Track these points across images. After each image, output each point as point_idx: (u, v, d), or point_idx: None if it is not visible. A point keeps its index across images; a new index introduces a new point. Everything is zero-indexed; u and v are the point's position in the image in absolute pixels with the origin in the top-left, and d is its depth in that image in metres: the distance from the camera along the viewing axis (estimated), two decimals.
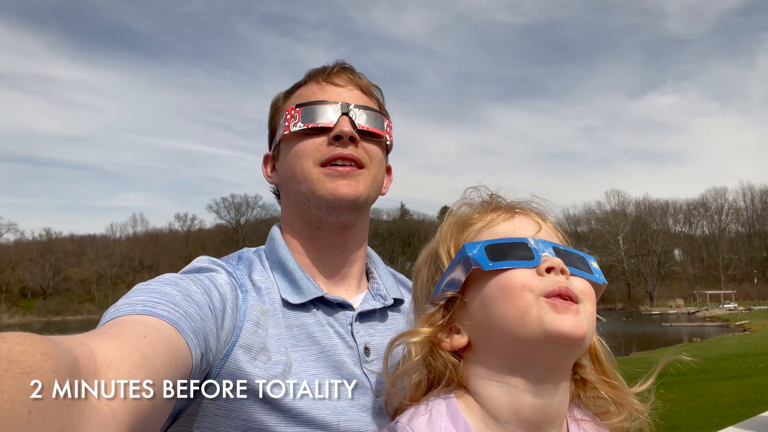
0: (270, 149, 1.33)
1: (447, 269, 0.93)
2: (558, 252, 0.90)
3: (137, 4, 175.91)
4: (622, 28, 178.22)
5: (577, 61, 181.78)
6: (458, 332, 0.92)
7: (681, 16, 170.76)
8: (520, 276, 0.85)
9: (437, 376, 0.93)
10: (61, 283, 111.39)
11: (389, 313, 1.25)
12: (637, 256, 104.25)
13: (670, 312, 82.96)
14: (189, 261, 1.16)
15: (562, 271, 0.86)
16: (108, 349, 0.64)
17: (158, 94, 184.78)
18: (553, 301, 0.82)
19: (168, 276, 0.98)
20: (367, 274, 1.34)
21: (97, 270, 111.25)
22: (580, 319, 0.82)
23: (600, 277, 0.93)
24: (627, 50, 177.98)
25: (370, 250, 1.36)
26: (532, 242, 0.89)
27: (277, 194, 1.35)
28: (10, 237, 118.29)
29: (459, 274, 0.90)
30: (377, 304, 1.23)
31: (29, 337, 0.51)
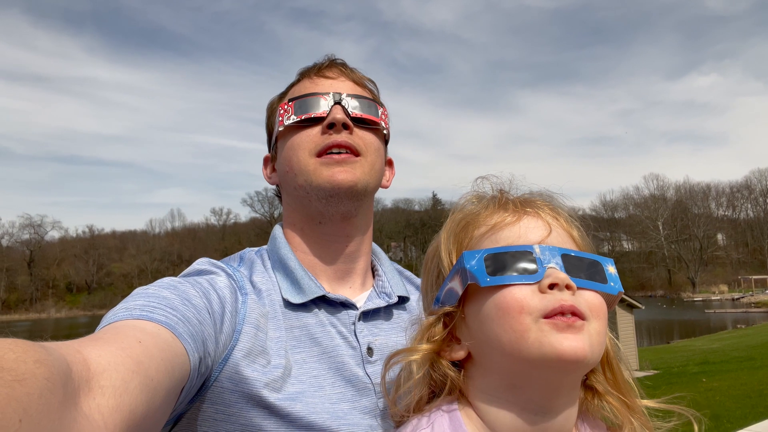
0: (269, 151, 1.33)
1: (447, 277, 0.89)
2: (567, 259, 0.83)
3: (170, 4, 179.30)
4: (658, 8, 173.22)
5: (612, 43, 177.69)
6: (459, 342, 0.88)
7: None
8: (518, 295, 0.79)
9: (438, 386, 0.89)
10: (104, 278, 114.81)
11: (394, 311, 1.22)
12: (677, 241, 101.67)
13: (713, 298, 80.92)
14: (226, 254, 1.14)
15: (568, 287, 0.79)
16: (101, 356, 0.63)
17: (193, 92, 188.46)
18: (554, 321, 0.76)
19: (167, 280, 0.98)
20: (373, 271, 1.32)
21: (138, 265, 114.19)
22: (582, 339, 0.76)
23: (615, 287, 0.85)
24: (664, 30, 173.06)
25: (375, 246, 1.34)
26: (537, 251, 0.82)
27: (279, 195, 1.34)
28: (55, 234, 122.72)
29: (457, 286, 0.86)
30: (381, 303, 1.20)
31: (22, 343, 0.51)
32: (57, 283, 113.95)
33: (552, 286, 0.79)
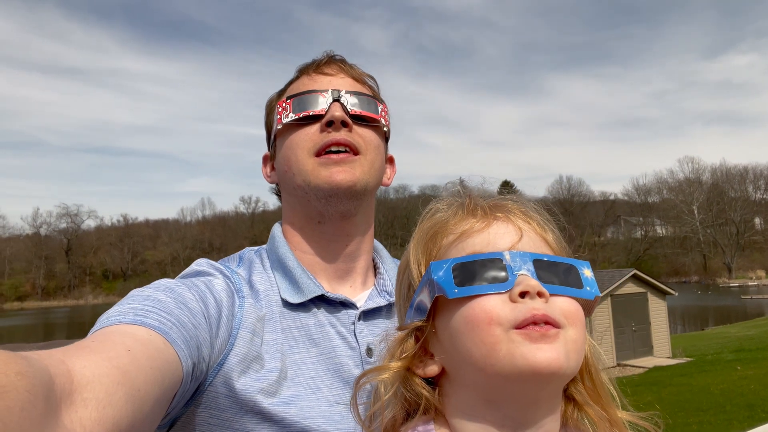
0: (268, 149, 1.31)
1: (416, 290, 0.84)
2: (540, 265, 0.78)
3: None
4: None
5: (646, 22, 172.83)
6: (432, 357, 0.83)
7: None
8: (487, 306, 0.74)
9: (413, 405, 0.83)
10: (139, 266, 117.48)
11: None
12: (713, 225, 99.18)
13: (750, 284, 78.91)
14: (255, 243, 1.08)
15: (540, 294, 0.74)
16: (86, 367, 0.62)
17: (222, 82, 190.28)
18: (527, 331, 0.72)
19: (164, 282, 0.96)
20: (375, 269, 1.30)
21: (171, 252, 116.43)
22: (557, 349, 0.71)
23: (592, 291, 0.80)
24: (699, 8, 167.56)
25: (377, 243, 1.32)
26: (507, 257, 0.78)
27: (278, 194, 1.32)
28: (91, 223, 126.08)
29: (426, 298, 0.81)
30: (382, 301, 1.18)
31: (3, 355, 0.50)
32: (94, 271, 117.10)
33: (523, 295, 0.74)
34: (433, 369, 0.82)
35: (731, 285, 79.84)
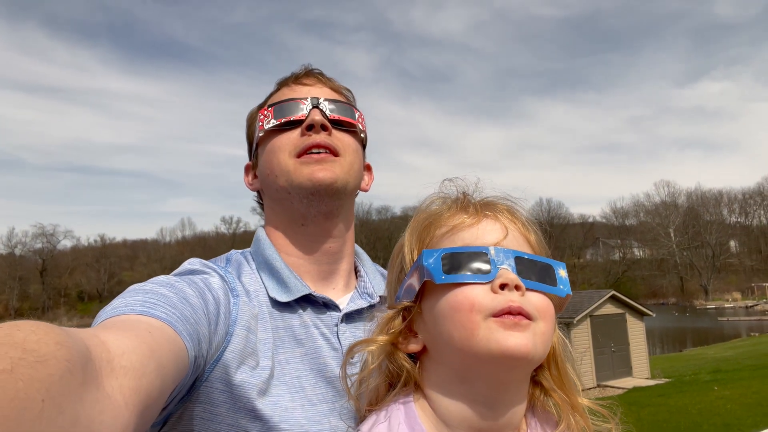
0: (250, 159, 1.36)
1: (407, 273, 0.93)
2: (520, 261, 0.87)
3: (184, 17, 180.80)
4: (667, 15, 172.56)
5: (621, 50, 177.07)
6: (416, 336, 0.92)
7: None
8: (470, 294, 0.83)
9: (395, 378, 0.93)
10: (115, 287, 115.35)
11: (376, 312, 1.25)
12: (689, 248, 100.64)
13: (726, 306, 79.92)
14: None
15: (517, 287, 0.83)
16: (119, 339, 0.65)
17: (205, 102, 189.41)
18: (502, 320, 0.80)
19: (163, 278, 0.99)
20: (356, 273, 1.34)
21: (149, 273, 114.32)
22: (527, 337, 0.80)
23: (564, 289, 0.90)
24: (673, 37, 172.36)
25: (358, 248, 1.37)
26: (492, 252, 0.86)
27: (260, 202, 1.37)
28: (67, 243, 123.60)
29: (415, 282, 0.89)
30: (364, 303, 1.22)
31: (43, 326, 0.52)
32: (69, 292, 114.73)
33: (503, 287, 0.82)
34: (415, 346, 0.91)
35: (708, 307, 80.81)
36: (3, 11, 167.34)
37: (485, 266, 0.85)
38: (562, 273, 0.91)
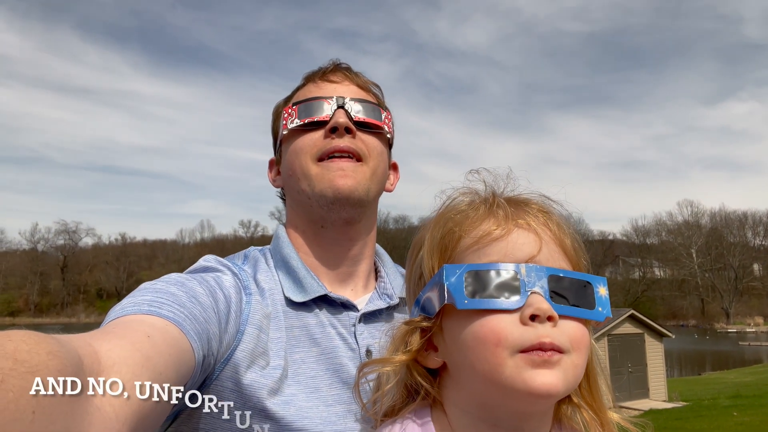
0: (274, 154, 1.34)
1: (428, 283, 0.84)
2: (554, 281, 0.78)
3: (213, 23, 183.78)
4: (695, 34, 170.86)
5: (647, 68, 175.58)
6: (436, 350, 0.85)
7: (759, 20, 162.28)
8: (497, 327, 0.74)
9: (413, 392, 0.88)
10: (134, 285, 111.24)
11: (395, 313, 1.22)
12: (712, 270, 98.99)
13: (748, 330, 78.43)
14: None
15: (550, 318, 0.75)
16: (111, 350, 0.64)
17: (229, 107, 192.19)
18: (530, 356, 0.73)
19: (174, 276, 0.98)
20: (376, 273, 1.31)
21: (166, 273, 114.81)
22: (556, 375, 0.73)
23: (603, 312, 0.81)
24: (701, 56, 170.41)
25: (378, 247, 1.34)
26: (523, 271, 0.77)
27: (283, 198, 1.34)
28: (89, 241, 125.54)
29: (435, 298, 0.81)
30: (382, 304, 1.19)
31: (35, 335, 0.51)
32: (88, 289, 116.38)
33: (533, 317, 0.74)
34: (435, 362, 0.84)
35: (729, 331, 79.40)
36: (39, 14, 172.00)
37: (514, 290, 0.76)
38: (602, 291, 0.82)
